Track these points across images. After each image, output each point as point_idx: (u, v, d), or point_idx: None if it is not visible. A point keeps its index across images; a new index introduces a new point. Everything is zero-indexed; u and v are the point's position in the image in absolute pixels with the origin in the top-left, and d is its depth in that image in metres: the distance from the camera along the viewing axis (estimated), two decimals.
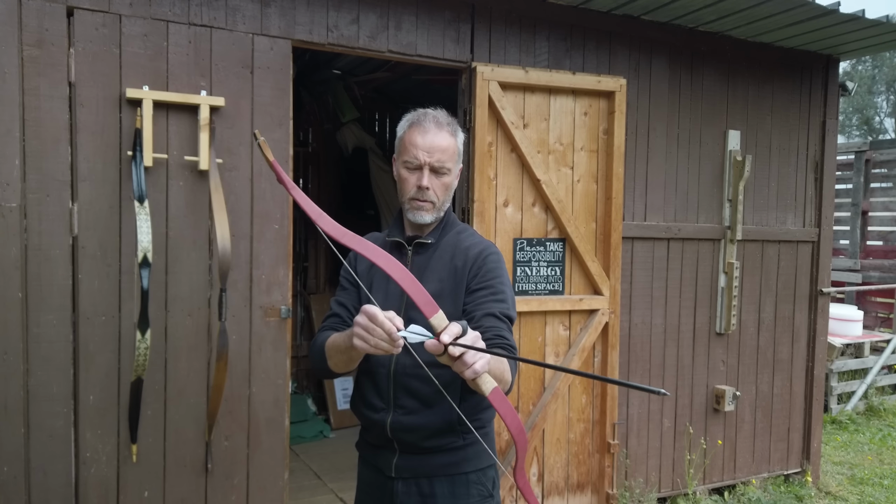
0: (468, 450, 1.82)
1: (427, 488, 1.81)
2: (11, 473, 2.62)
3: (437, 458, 1.81)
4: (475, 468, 1.83)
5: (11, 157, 2.57)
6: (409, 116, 1.87)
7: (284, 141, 3.03)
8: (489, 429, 1.88)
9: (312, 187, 5.91)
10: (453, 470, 1.82)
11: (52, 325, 2.66)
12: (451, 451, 1.81)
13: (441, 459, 1.81)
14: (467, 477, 1.82)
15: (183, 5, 2.81)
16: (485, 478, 1.85)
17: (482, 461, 1.84)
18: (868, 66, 24.68)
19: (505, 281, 1.80)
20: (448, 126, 1.83)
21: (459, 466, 1.82)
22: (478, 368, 1.39)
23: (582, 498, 3.82)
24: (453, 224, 1.90)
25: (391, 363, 1.79)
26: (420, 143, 1.78)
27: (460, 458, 1.82)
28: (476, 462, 1.83)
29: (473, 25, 3.43)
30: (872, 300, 7.86)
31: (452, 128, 1.84)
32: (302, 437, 5.07)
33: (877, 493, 4.59)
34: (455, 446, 1.81)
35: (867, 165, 7.97)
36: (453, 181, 1.86)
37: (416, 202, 1.81)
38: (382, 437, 1.82)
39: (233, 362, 2.95)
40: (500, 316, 1.72)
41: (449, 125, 1.83)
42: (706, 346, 4.22)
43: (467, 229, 1.92)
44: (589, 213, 3.74)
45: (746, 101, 4.23)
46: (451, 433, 1.79)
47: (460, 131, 1.88)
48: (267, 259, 3.01)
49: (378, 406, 1.81)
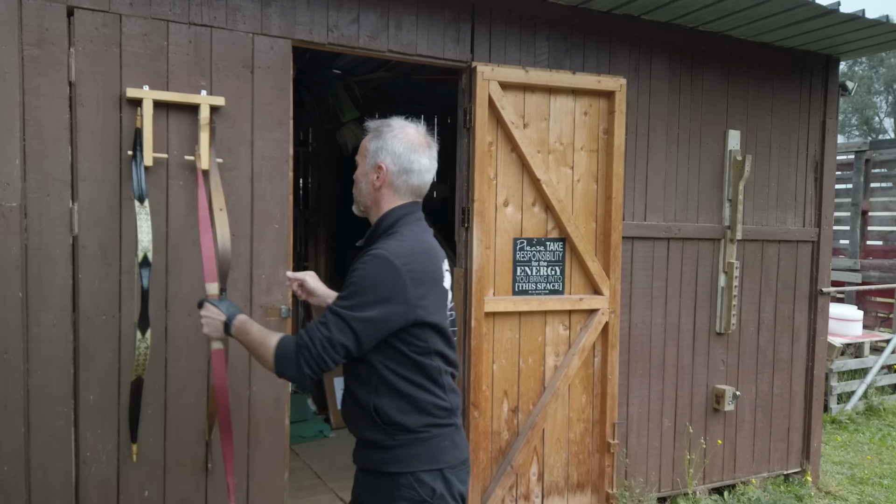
0: (397, 451, 1.86)
1: (361, 479, 1.97)
2: (11, 473, 2.62)
3: (369, 452, 1.92)
4: (403, 470, 1.86)
5: (12, 157, 2.56)
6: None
7: (284, 140, 3.03)
8: (429, 435, 1.88)
9: (312, 187, 5.90)
10: (380, 467, 1.89)
11: (53, 325, 2.66)
12: (381, 449, 1.88)
13: (372, 455, 1.91)
14: (395, 478, 1.86)
15: (183, 5, 2.81)
16: (417, 483, 1.85)
17: (414, 465, 1.86)
18: (864, 66, 24.69)
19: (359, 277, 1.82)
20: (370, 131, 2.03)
21: (387, 465, 1.87)
22: (204, 332, 2.08)
23: (582, 497, 3.82)
24: (384, 232, 1.95)
25: None
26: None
27: (389, 457, 1.87)
28: (406, 465, 1.86)
29: (473, 25, 3.44)
30: (872, 300, 7.86)
31: (371, 133, 2.01)
32: (302, 437, 5.07)
33: (876, 493, 4.59)
34: (385, 445, 1.87)
35: (867, 165, 7.97)
36: (360, 176, 2.03)
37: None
38: None
39: (233, 362, 2.95)
40: (332, 308, 1.82)
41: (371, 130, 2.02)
42: (706, 345, 4.22)
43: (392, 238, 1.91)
44: (589, 213, 3.75)
45: (746, 100, 4.23)
46: (378, 430, 1.86)
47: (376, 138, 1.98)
48: (267, 259, 3.01)
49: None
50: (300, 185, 5.84)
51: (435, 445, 1.88)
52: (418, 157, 1.96)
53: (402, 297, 1.79)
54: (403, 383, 1.86)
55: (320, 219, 5.96)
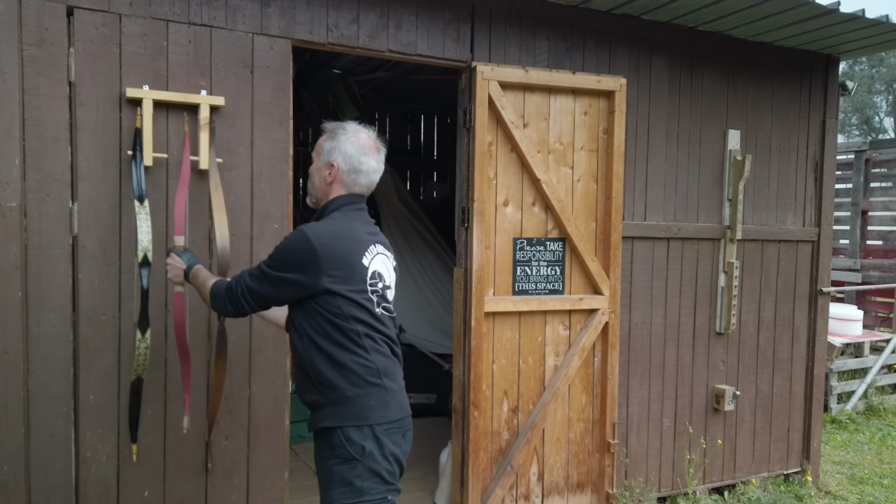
0: (328, 408, 2.10)
1: (313, 442, 2.16)
2: (11, 473, 2.62)
3: (312, 415, 2.15)
4: (332, 425, 2.07)
5: (11, 157, 2.57)
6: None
7: (284, 140, 3.03)
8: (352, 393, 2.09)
9: None
10: (316, 426, 2.12)
11: (53, 325, 2.66)
12: (317, 409, 2.13)
13: (313, 416, 2.14)
14: (330, 434, 2.08)
15: (183, 5, 2.81)
16: (347, 442, 2.06)
17: (343, 420, 2.07)
18: (864, 66, 24.69)
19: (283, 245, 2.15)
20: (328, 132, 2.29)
21: (319, 422, 2.11)
22: (168, 276, 2.50)
23: (582, 497, 3.83)
24: (320, 215, 2.26)
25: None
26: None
27: (322, 414, 2.10)
28: (337, 420, 2.07)
29: (473, 25, 3.44)
30: (872, 300, 7.86)
31: (326, 134, 2.29)
32: (302, 437, 5.06)
33: (876, 493, 4.59)
34: (319, 403, 2.11)
35: (867, 165, 7.97)
36: (314, 171, 2.30)
37: None
38: None
39: (233, 362, 2.95)
40: (259, 265, 2.18)
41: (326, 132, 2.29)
42: (706, 345, 4.22)
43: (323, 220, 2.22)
44: (589, 213, 3.75)
45: (746, 100, 4.23)
46: (314, 391, 2.12)
47: (329, 138, 2.27)
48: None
49: None
50: (300, 184, 5.84)
51: (362, 404, 2.08)
52: (367, 159, 2.25)
53: (312, 267, 2.07)
54: (327, 343, 2.11)
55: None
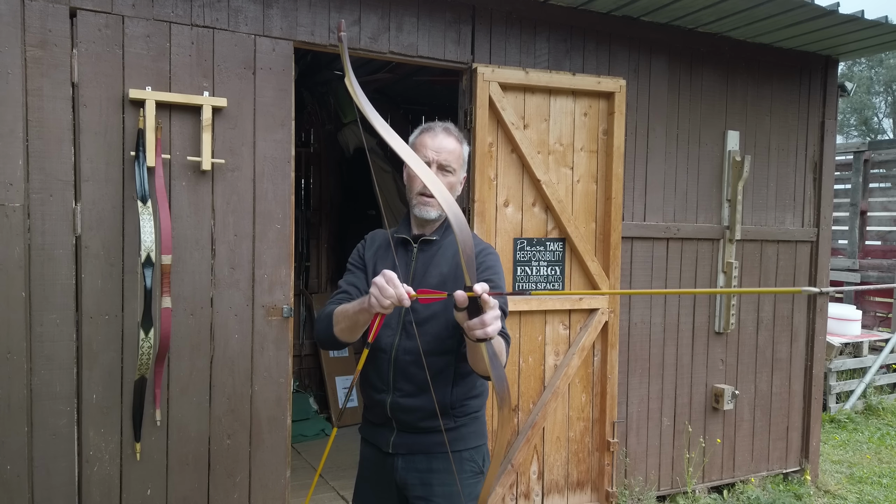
0: (461, 430, 2.02)
1: (424, 464, 2.00)
2: (15, 472, 2.64)
3: (433, 437, 1.99)
4: (467, 447, 2.03)
5: (15, 158, 2.58)
6: (421, 126, 2.09)
7: (286, 141, 3.04)
8: (481, 413, 2.08)
9: (314, 187, 5.92)
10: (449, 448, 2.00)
11: (56, 325, 2.68)
12: (446, 432, 1.99)
13: (437, 438, 1.99)
14: (461, 455, 2.02)
15: (185, 6, 2.83)
16: (477, 455, 2.05)
17: (472, 441, 2.04)
18: (863, 67, 24.69)
19: (502, 277, 1.99)
20: (455, 133, 2.03)
21: (453, 445, 2.00)
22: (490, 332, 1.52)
23: (582, 496, 3.84)
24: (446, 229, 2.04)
25: (392, 350, 1.96)
26: (430, 144, 1.99)
27: (453, 437, 2.00)
28: (467, 441, 2.03)
29: (474, 27, 3.45)
30: (871, 300, 7.88)
31: (459, 137, 2.05)
32: (304, 436, 5.09)
33: (875, 492, 4.61)
34: (448, 427, 1.99)
35: (866, 165, 7.98)
36: (457, 184, 2.03)
37: (423, 198, 1.98)
38: (382, 416, 2.01)
39: (235, 361, 2.97)
40: (502, 303, 1.89)
41: (457, 133, 2.04)
42: (705, 345, 4.23)
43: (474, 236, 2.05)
44: (589, 213, 3.76)
45: (745, 101, 4.25)
46: (444, 416, 1.97)
47: (466, 143, 2.08)
48: (269, 259, 3.02)
49: (380, 388, 1.99)
50: (302, 185, 5.86)
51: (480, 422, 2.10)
52: None
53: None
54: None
55: (322, 219, 5.98)
